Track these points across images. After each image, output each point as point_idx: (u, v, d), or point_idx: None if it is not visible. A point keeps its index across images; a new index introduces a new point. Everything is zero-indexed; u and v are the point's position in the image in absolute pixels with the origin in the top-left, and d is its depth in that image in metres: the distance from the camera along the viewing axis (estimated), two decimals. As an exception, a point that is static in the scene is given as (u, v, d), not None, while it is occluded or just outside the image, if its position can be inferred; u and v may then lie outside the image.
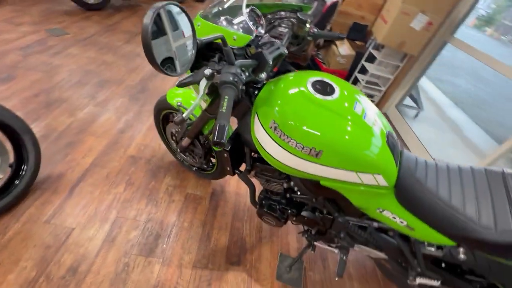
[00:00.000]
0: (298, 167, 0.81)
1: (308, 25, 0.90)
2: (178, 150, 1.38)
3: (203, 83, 0.68)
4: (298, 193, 1.02)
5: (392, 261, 1.05)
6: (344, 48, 3.25)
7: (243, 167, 1.12)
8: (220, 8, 0.80)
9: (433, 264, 0.99)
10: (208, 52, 0.80)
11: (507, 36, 17.72)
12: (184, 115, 0.63)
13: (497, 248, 0.73)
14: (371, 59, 3.06)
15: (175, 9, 0.67)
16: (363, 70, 3.12)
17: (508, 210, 0.75)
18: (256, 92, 0.89)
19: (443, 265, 1.01)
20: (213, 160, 1.46)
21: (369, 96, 3.14)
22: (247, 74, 0.76)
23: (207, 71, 0.67)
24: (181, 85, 0.73)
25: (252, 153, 1.05)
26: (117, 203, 1.36)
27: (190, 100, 1.23)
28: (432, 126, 3.51)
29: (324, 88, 0.79)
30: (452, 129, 3.75)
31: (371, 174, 0.77)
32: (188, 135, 1.19)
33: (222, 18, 0.81)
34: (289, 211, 1.07)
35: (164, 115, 1.43)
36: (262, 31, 0.85)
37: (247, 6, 0.82)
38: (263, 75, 0.88)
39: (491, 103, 5.41)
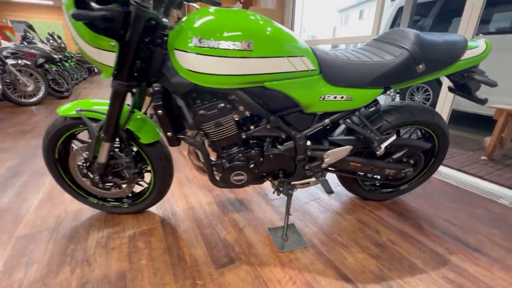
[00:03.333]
0: (238, 70, 0.80)
1: None
2: (97, 176, 1.08)
3: None
4: (251, 127, 0.98)
5: (357, 150, 1.10)
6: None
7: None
8: None
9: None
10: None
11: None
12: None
13: (392, 72, 0.94)
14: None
15: None
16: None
17: (393, 48, 0.98)
18: (165, 38, 0.86)
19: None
20: (146, 180, 1.22)
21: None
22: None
23: None
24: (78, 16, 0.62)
25: (190, 109, 0.92)
26: (18, 291, 0.85)
27: (92, 106, 1.03)
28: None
29: None
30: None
31: (298, 57, 0.86)
32: (106, 138, 0.97)
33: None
34: (253, 152, 0.99)
35: (62, 146, 1.12)
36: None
37: None
38: (167, 21, 0.88)
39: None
